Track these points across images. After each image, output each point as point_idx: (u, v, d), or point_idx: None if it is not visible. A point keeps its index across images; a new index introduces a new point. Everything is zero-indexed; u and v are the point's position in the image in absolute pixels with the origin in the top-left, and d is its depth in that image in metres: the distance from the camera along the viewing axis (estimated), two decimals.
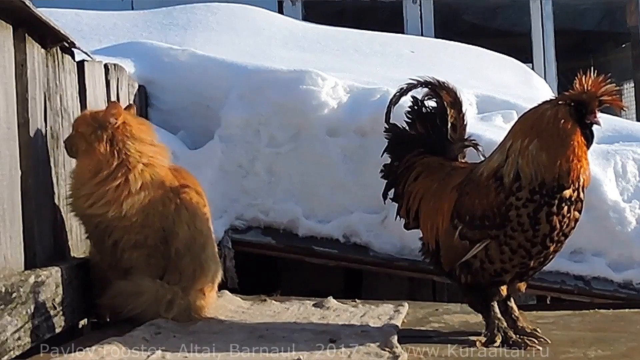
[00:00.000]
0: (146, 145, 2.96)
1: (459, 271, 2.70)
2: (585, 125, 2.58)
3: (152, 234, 2.95)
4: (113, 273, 2.95)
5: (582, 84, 2.59)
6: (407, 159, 2.95)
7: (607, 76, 2.59)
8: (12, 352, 2.36)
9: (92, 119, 2.91)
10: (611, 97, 2.59)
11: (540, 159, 2.56)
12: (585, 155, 2.58)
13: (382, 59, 5.73)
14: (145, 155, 2.93)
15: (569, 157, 2.54)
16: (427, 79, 2.92)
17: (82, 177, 2.90)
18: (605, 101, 2.59)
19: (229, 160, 4.30)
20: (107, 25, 5.77)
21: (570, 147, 2.55)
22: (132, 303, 2.89)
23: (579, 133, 2.56)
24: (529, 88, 5.73)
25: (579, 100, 2.58)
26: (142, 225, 2.92)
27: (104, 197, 2.87)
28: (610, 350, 2.58)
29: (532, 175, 2.56)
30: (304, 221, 4.26)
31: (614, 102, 2.62)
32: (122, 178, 2.87)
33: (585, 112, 2.57)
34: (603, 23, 10.53)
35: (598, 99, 2.57)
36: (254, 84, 4.41)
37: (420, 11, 9.01)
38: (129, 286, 2.91)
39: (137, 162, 2.90)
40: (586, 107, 2.57)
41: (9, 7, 2.54)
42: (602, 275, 4.10)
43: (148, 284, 2.92)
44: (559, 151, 2.55)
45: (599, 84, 2.58)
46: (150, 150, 2.97)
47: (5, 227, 2.45)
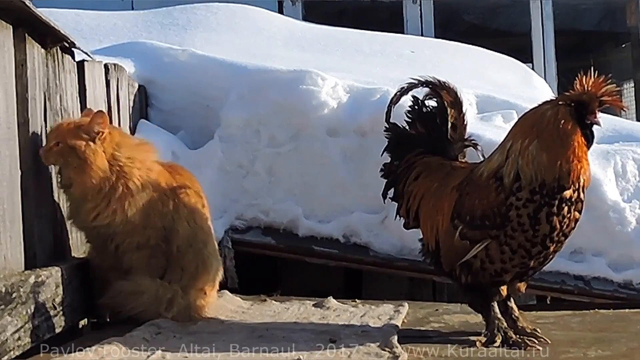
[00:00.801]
0: (133, 148, 2.94)
1: (459, 271, 2.70)
2: (586, 126, 2.58)
3: (153, 233, 2.95)
4: (113, 274, 2.95)
5: (582, 84, 2.59)
6: (407, 159, 2.95)
7: (607, 76, 2.59)
8: (12, 352, 2.36)
9: (81, 131, 2.80)
10: (612, 98, 2.59)
11: (540, 160, 2.56)
12: (586, 156, 2.58)
13: (382, 59, 5.73)
14: (136, 160, 2.91)
15: (569, 157, 2.54)
16: (428, 78, 2.92)
17: (84, 195, 2.84)
18: (605, 102, 2.59)
19: (229, 160, 4.30)
20: (107, 25, 5.77)
21: (571, 147, 2.55)
22: (132, 302, 2.89)
23: (579, 133, 2.56)
24: (529, 88, 5.73)
25: (580, 100, 2.58)
26: (144, 226, 2.92)
27: (107, 208, 2.85)
28: (610, 350, 2.58)
29: (532, 176, 2.56)
30: (304, 221, 4.26)
31: (614, 102, 2.62)
32: (122, 187, 2.86)
33: (586, 113, 2.57)
34: (603, 23, 10.52)
35: (598, 99, 2.57)
36: (254, 84, 4.40)
37: (420, 11, 9.00)
38: (129, 286, 2.91)
39: (131, 169, 2.88)
40: (586, 108, 2.57)
41: (9, 7, 2.54)
42: (602, 275, 4.09)
43: (148, 284, 2.92)
44: (559, 152, 2.55)
45: (600, 84, 2.58)
46: (139, 153, 2.95)
47: (5, 227, 2.45)
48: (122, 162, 2.86)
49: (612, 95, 2.59)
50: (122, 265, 2.95)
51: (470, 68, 5.84)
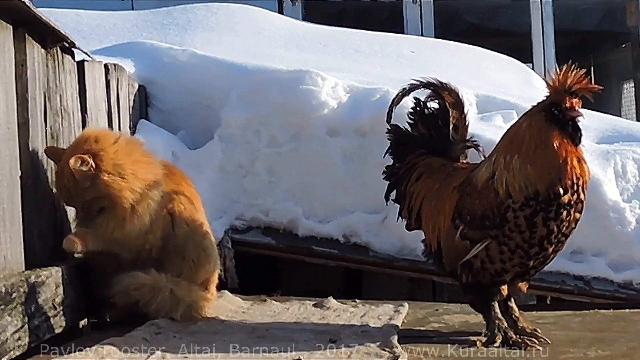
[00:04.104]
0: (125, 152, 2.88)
1: (461, 271, 2.70)
2: (565, 124, 2.52)
3: (154, 234, 2.95)
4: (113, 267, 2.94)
5: (551, 84, 2.54)
6: (409, 160, 2.95)
7: (572, 64, 2.50)
8: (12, 352, 2.36)
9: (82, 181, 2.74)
10: (581, 84, 2.51)
11: (526, 172, 2.52)
12: (575, 154, 2.53)
13: (382, 59, 5.73)
14: (133, 164, 2.87)
15: (555, 164, 2.50)
16: (429, 79, 2.91)
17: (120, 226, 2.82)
18: (576, 90, 2.51)
19: (229, 160, 4.30)
20: (107, 25, 5.77)
21: (553, 154, 2.50)
22: (150, 297, 2.87)
23: (559, 135, 2.51)
24: (529, 88, 5.72)
25: (552, 101, 2.54)
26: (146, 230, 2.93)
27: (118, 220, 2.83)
28: (610, 350, 2.58)
29: (522, 188, 2.53)
30: (304, 221, 4.26)
31: (584, 87, 2.53)
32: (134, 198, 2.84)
33: (560, 111, 2.52)
34: (603, 23, 10.52)
35: (567, 92, 2.51)
36: (254, 84, 4.40)
37: (420, 11, 9.01)
38: (150, 280, 2.89)
39: (134, 177, 2.86)
40: (559, 106, 2.52)
41: (9, 7, 2.54)
42: (602, 276, 4.09)
43: (163, 281, 2.91)
44: (543, 161, 2.51)
45: (565, 76, 2.51)
46: (133, 155, 2.90)
47: (5, 227, 2.45)
48: (125, 174, 2.81)
49: (580, 81, 2.51)
50: (122, 265, 2.95)
51: (470, 68, 5.85)
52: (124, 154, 2.84)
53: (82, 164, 2.71)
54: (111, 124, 3.66)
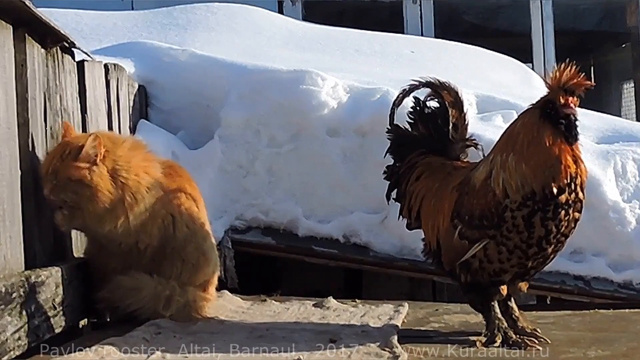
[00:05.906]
0: (128, 154, 2.90)
1: (459, 270, 2.70)
2: (559, 122, 2.52)
3: (155, 234, 2.96)
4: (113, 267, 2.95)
5: (547, 83, 2.54)
6: (409, 159, 2.95)
7: (569, 63, 2.50)
8: (12, 352, 2.36)
9: (80, 162, 2.75)
10: (574, 81, 2.51)
11: (522, 172, 2.53)
12: (569, 153, 2.52)
13: (382, 59, 5.73)
14: (133, 168, 2.89)
15: (548, 163, 2.50)
16: (429, 79, 2.92)
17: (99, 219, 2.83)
18: (571, 87, 2.51)
19: (229, 160, 4.30)
20: (107, 25, 5.77)
21: (548, 152, 2.50)
22: (131, 298, 2.88)
23: (552, 133, 2.51)
24: (528, 88, 5.72)
25: (547, 99, 2.54)
26: (146, 230, 2.93)
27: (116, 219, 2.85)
28: (610, 350, 2.58)
29: (518, 187, 2.53)
30: (304, 221, 4.26)
31: (578, 83, 2.52)
32: (129, 198, 2.85)
33: (554, 108, 2.52)
34: (603, 23, 10.52)
35: (562, 88, 2.51)
36: (254, 84, 4.40)
37: (420, 11, 9.01)
38: (129, 282, 2.90)
39: (135, 181, 2.86)
40: (553, 103, 2.52)
41: (9, 7, 2.53)
42: (602, 275, 4.09)
43: (147, 280, 2.91)
44: (537, 159, 2.51)
45: (561, 74, 2.51)
46: (135, 158, 2.92)
47: (5, 227, 2.45)
48: (124, 175, 2.83)
49: (574, 78, 2.51)
50: (122, 264, 2.95)
51: (470, 68, 5.85)
52: (124, 161, 2.86)
53: (97, 145, 2.76)
54: (111, 124, 3.66)
